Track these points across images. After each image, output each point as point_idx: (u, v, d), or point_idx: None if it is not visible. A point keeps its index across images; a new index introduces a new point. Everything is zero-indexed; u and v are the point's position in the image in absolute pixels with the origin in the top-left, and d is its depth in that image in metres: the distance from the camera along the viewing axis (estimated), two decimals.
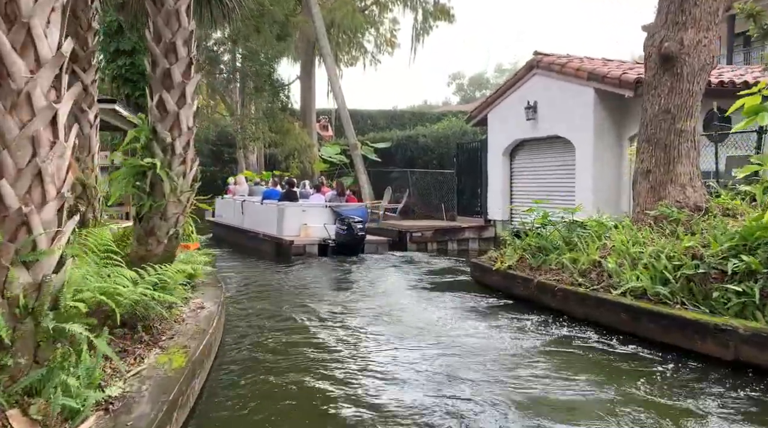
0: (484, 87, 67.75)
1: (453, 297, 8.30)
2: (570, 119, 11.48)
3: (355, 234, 12.38)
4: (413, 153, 18.43)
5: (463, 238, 14.34)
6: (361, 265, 11.63)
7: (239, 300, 8.33)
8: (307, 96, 22.89)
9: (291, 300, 8.21)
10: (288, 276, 10.59)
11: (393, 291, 8.74)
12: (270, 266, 11.92)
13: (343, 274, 10.59)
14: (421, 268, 11.16)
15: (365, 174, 19.29)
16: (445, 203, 16.27)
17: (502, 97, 13.79)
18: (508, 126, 13.59)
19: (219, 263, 10.41)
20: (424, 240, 14.24)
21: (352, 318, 6.99)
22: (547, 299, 7.23)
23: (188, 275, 6.72)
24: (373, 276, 10.16)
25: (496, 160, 14.19)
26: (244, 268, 11.79)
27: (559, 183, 12.29)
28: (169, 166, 4.95)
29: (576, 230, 7.93)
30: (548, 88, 12.14)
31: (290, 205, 13.42)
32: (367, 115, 30.80)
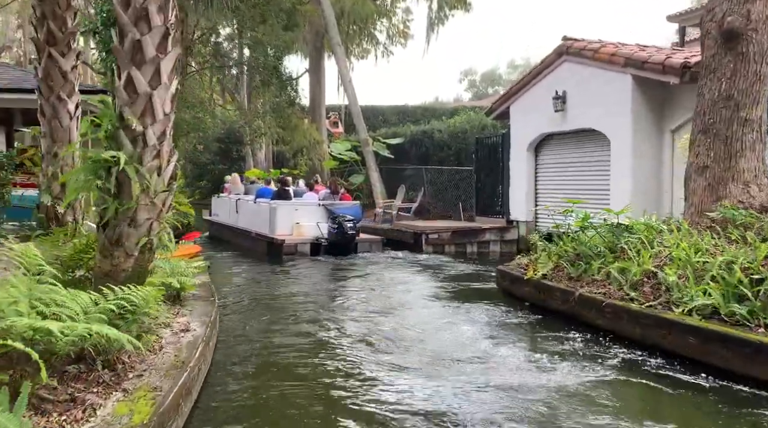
0: (496, 83, 66.66)
1: (479, 310, 7.33)
2: (604, 110, 10.45)
3: (345, 233, 12.23)
4: (428, 149, 17.44)
5: (483, 241, 13.34)
6: (365, 269, 10.76)
7: (233, 311, 7.40)
8: (316, 90, 21.98)
9: (291, 314, 7.26)
10: (282, 281, 9.73)
11: (411, 303, 7.77)
12: (261, 267, 11.59)
13: (347, 279, 9.64)
14: (439, 274, 10.19)
15: (377, 171, 18.33)
16: (462, 202, 15.28)
17: (527, 87, 12.76)
18: (533, 118, 12.57)
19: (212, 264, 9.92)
20: (441, 242, 13.27)
21: (366, 339, 6.03)
22: (591, 315, 6.23)
23: (176, 289, 5.82)
24: (385, 283, 9.20)
25: (519, 155, 13.17)
26: (234, 270, 11.19)
27: (591, 180, 11.25)
28: (139, 161, 4.02)
29: (622, 234, 6.91)
30: (579, 76, 11.11)
31: (282, 204, 13.29)
32: (378, 110, 29.82)
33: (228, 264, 12.20)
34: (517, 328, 6.47)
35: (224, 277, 10.04)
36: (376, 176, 18.16)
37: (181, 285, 5.81)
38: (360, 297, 8.20)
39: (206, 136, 32.09)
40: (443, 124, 17.17)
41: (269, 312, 7.43)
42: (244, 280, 10.06)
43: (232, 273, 10.83)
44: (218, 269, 10.85)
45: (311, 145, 20.04)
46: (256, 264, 12.02)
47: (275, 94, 17.98)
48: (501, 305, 7.60)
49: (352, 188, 19.10)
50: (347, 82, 18.75)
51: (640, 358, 5.25)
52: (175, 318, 5.48)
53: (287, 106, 18.32)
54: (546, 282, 7.19)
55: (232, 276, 10.42)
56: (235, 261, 12.83)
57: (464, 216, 15.15)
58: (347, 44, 21.01)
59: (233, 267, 11.79)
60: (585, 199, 10.67)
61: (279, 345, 5.84)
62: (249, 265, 11.98)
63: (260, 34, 15.87)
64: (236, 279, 10.08)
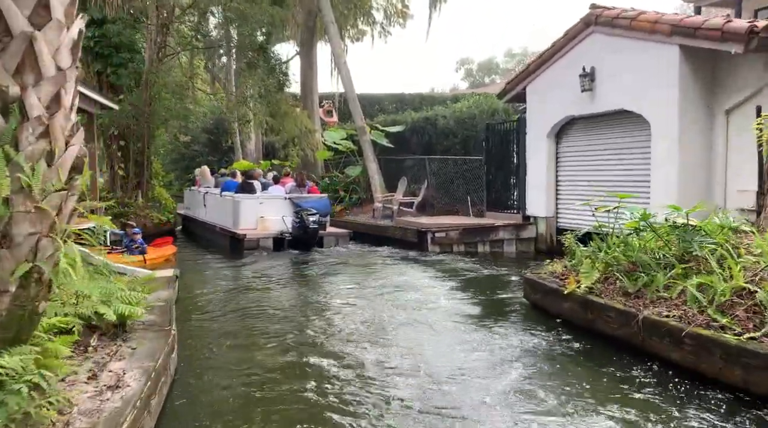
0: (493, 72, 65.24)
1: (506, 332, 5.92)
2: (643, 87, 9.00)
3: (307, 228, 11.93)
4: (431, 137, 15.96)
5: (496, 239, 11.90)
6: (333, 270, 9.64)
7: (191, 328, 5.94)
8: (308, 75, 20.42)
9: (261, 331, 5.80)
10: (239, 282, 8.44)
11: (417, 323, 6.32)
12: (223, 263, 11.31)
13: (325, 286, 8.19)
14: (449, 281, 8.75)
15: (375, 162, 16.83)
16: (471, 196, 13.83)
17: (547, 65, 11.29)
18: (554, 100, 11.10)
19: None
20: (449, 241, 11.83)
21: (362, 373, 4.58)
22: (662, 347, 4.81)
23: (111, 320, 4.37)
24: (383, 291, 7.74)
25: (537, 142, 11.71)
26: (193, 267, 10.84)
27: (625, 170, 9.83)
28: (14, 144, 2.54)
29: (694, 238, 5.47)
30: (612, 49, 9.64)
31: (246, 198, 13.04)
32: (374, 99, 28.25)
33: (189, 261, 11.43)
34: (564, 363, 5.04)
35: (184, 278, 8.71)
36: (374, 167, 16.66)
37: (121, 314, 4.34)
38: (349, 312, 6.75)
39: (190, 126, 30.68)
40: (448, 110, 15.68)
41: (239, 326, 5.96)
42: (199, 281, 8.78)
43: (190, 271, 10.16)
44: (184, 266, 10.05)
45: (303, 134, 18.48)
46: (213, 261, 11.61)
47: (262, 78, 16.41)
48: (534, 325, 6.18)
49: (348, 181, 17.60)
50: (342, 64, 17.20)
51: (760, 418, 3.83)
52: (109, 363, 4.03)
53: (276, 90, 16.75)
54: (594, 298, 5.76)
55: (189, 275, 9.27)
56: (196, 258, 12.15)
57: (473, 212, 13.70)
58: (341, 24, 19.45)
59: (194, 264, 11.20)
60: (618, 193, 9.29)
61: (255, 384, 4.39)
62: (205, 262, 11.56)
63: (244, 6, 14.28)
64: (192, 281, 8.79)
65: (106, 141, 15.84)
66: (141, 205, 15.53)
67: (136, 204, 15.46)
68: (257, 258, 11.31)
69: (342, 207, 17.06)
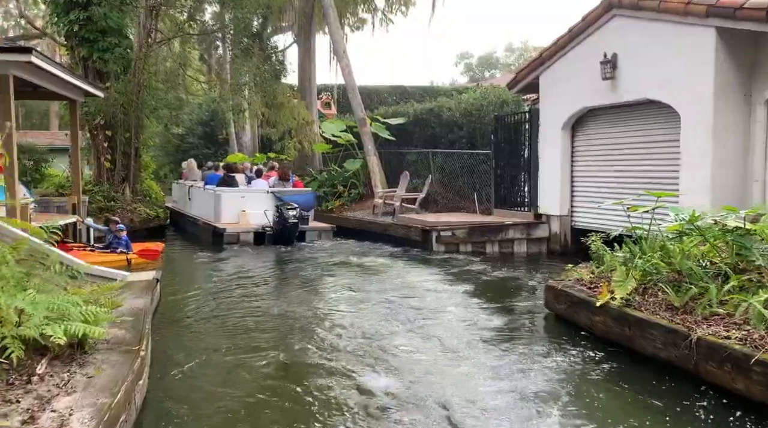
0: (493, 67, 64.46)
1: (531, 352, 5.20)
2: (672, 75, 8.26)
3: (286, 222, 11.83)
4: (435, 130, 15.19)
5: (506, 239, 11.16)
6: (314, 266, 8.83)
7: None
8: (305, 64, 19.61)
9: (250, 346, 5.05)
10: (229, 283, 7.64)
11: (425, 338, 5.57)
12: (205, 259, 10.93)
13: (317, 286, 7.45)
14: (458, 284, 8.02)
15: (376, 156, 16.07)
16: (477, 192, 13.08)
17: (562, 52, 10.53)
18: (570, 90, 10.35)
19: None
20: (456, 240, 11.09)
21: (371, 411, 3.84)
22: (721, 374, 4.09)
23: (73, 336, 3.63)
24: (380, 295, 7.00)
25: (551, 135, 10.96)
26: (179, 264, 10.62)
27: (650, 166, 9.09)
28: None
29: (753, 245, 4.73)
30: (637, 33, 8.89)
31: (227, 191, 13.06)
32: (374, 91, 27.45)
33: (173, 258, 10.94)
34: (601, 391, 4.31)
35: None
36: (375, 161, 15.90)
37: (73, 334, 3.59)
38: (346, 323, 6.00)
39: (181, 117, 30.05)
40: (453, 101, 14.90)
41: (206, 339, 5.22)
42: (181, 281, 8.08)
43: (173, 269, 9.76)
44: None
45: (300, 126, 17.68)
46: (196, 257, 11.24)
47: (257, 65, 15.61)
48: (561, 341, 5.45)
49: (347, 175, 16.83)
50: (341, 53, 16.40)
51: None
52: (55, 398, 3.28)
53: (271, 79, 15.95)
54: (632, 312, 5.02)
55: (171, 275, 8.60)
56: (180, 254, 11.82)
57: (480, 209, 12.96)
58: (341, 11, 18.62)
59: (178, 261, 10.82)
60: (642, 190, 8.58)
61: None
62: (188, 259, 11.26)
63: None
64: (173, 281, 8.08)
65: (92, 130, 15.05)
66: (128, 199, 14.76)
67: (123, 197, 14.69)
68: (237, 254, 11.08)
69: (341, 202, 16.30)
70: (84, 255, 9.59)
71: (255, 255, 11.06)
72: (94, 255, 9.75)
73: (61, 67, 10.33)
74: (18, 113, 38.89)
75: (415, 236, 11.72)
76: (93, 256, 9.62)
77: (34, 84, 10.23)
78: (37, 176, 18.15)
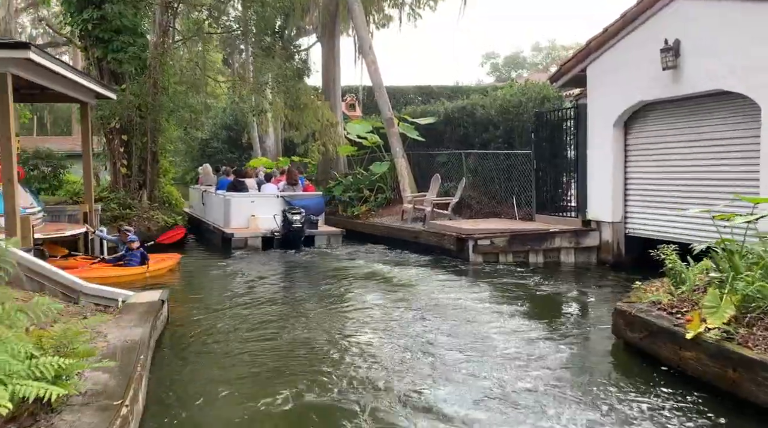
0: (520, 67, 63.20)
1: (608, 396, 4.22)
2: (752, 62, 7.19)
3: (290, 226, 11.85)
4: (468, 129, 14.24)
5: (551, 248, 10.16)
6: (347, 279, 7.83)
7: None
8: (329, 63, 18.82)
9: (266, 379, 4.20)
10: (242, 294, 6.75)
11: (471, 373, 4.65)
12: (216, 266, 10.55)
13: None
14: (501, 301, 7.08)
15: (404, 158, 15.18)
16: (516, 196, 12.09)
17: (614, 40, 9.52)
18: (622, 81, 9.34)
19: None
20: (495, 249, 10.15)
21: None
22: None
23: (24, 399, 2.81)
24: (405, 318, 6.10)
25: (601, 133, 9.95)
26: (191, 273, 10.12)
27: (721, 167, 8.02)
28: None
29: None
30: (705, 15, 7.86)
31: (237, 196, 13.12)
32: (399, 91, 26.62)
33: (187, 267, 10.41)
34: None
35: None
36: (403, 164, 15.02)
37: (24, 398, 2.77)
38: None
39: (201, 120, 29.80)
40: (488, 99, 13.92)
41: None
42: (192, 294, 7.22)
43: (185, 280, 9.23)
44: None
45: (324, 127, 16.88)
46: (207, 265, 10.87)
47: (279, 65, 14.87)
48: (644, 383, 4.50)
49: (374, 178, 15.96)
50: (367, 49, 15.58)
51: None
52: None
53: (293, 78, 15.19)
54: (738, 349, 4.04)
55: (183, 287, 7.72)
56: (193, 262, 11.27)
57: (519, 215, 11.98)
58: (367, 7, 17.80)
59: (190, 270, 10.27)
60: (712, 195, 7.55)
61: None
62: (199, 267, 10.73)
63: None
64: (183, 294, 7.18)
65: (107, 135, 14.49)
66: (145, 206, 14.13)
67: (140, 205, 14.07)
68: (248, 261, 10.78)
69: (367, 208, 15.45)
70: (92, 269, 8.94)
71: (266, 262, 10.73)
72: (105, 268, 9.09)
73: (67, 66, 9.69)
74: (46, 119, 38.96)
75: (449, 244, 10.81)
76: (102, 270, 8.96)
77: (41, 86, 9.64)
78: (55, 183, 17.76)
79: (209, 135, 31.28)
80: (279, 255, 11.36)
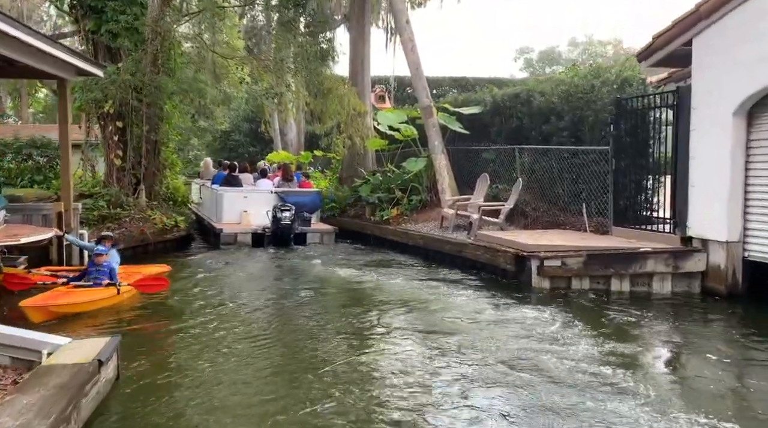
0: (555, 62, 60.42)
1: None
2: None
3: (279, 223, 11.84)
4: (522, 121, 12.02)
5: (641, 273, 7.93)
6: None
7: None
8: (357, 45, 16.73)
9: None
10: (232, 309, 4.71)
11: None
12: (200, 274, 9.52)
13: None
14: (593, 357, 4.92)
15: (444, 153, 13.05)
16: (586, 203, 9.87)
17: (733, 4, 7.23)
18: (750, 57, 7.10)
19: None
20: (566, 272, 7.98)
21: None
22: None
23: None
24: None
25: (712, 125, 7.70)
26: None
27: None
28: None
29: None
30: None
31: (230, 191, 13.06)
32: (433, 82, 24.45)
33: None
34: None
35: None
36: (443, 161, 12.90)
37: None
38: None
39: (237, 116, 28.39)
40: (548, 83, 11.68)
41: None
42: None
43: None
44: None
45: (350, 117, 14.81)
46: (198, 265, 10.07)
47: (300, 43, 12.87)
48: None
49: (407, 177, 13.83)
50: (403, 25, 13.46)
51: None
52: None
53: (316, 59, 13.16)
54: None
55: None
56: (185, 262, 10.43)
57: (589, 226, 9.75)
58: None
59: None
60: None
61: None
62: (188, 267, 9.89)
63: None
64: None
65: (101, 121, 12.65)
66: (143, 205, 12.26)
67: (137, 202, 12.19)
68: (241, 266, 10.05)
69: (398, 211, 13.35)
70: (57, 294, 6.91)
71: (265, 268, 10.04)
72: (72, 293, 6.97)
73: (36, 33, 7.82)
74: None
75: (505, 263, 8.68)
76: (68, 295, 6.88)
77: (8, 58, 7.80)
78: (50, 175, 16.10)
79: (230, 127, 29.81)
80: (269, 258, 10.81)
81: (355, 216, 14.68)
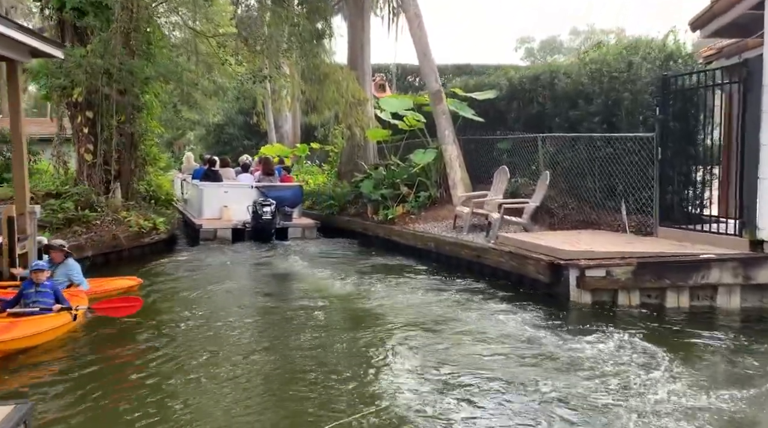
0: (556, 51, 59.19)
1: None
2: None
3: (259, 218, 11.76)
4: (544, 106, 10.68)
5: (702, 284, 6.61)
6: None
7: None
8: (357, 27, 15.37)
9: None
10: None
11: None
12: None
13: None
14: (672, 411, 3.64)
15: (455, 144, 11.72)
16: (625, 199, 8.55)
17: None
18: None
19: None
20: (613, 283, 6.68)
21: None
22: None
23: None
24: None
25: None
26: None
27: None
28: None
29: None
30: None
31: (209, 186, 12.97)
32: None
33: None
34: None
35: None
36: (454, 152, 11.57)
37: None
38: None
39: (232, 109, 27.38)
40: (577, 64, 10.32)
41: None
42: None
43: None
44: None
45: (349, 105, 13.47)
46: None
47: (293, 21, 11.53)
48: None
49: (413, 171, 12.50)
50: (409, 2, 12.07)
51: None
52: None
53: (311, 40, 11.81)
54: None
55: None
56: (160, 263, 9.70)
57: (629, 225, 8.43)
58: None
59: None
60: None
61: None
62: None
63: None
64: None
65: (69, 111, 11.30)
66: (118, 205, 10.94)
67: (111, 202, 10.88)
68: (216, 267, 9.53)
69: (404, 209, 12.01)
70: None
71: (248, 276, 9.22)
72: (14, 324, 5.60)
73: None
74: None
75: (537, 272, 7.38)
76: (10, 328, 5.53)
77: None
78: None
79: (224, 120, 28.60)
80: (249, 263, 10.05)
81: (355, 215, 13.36)
